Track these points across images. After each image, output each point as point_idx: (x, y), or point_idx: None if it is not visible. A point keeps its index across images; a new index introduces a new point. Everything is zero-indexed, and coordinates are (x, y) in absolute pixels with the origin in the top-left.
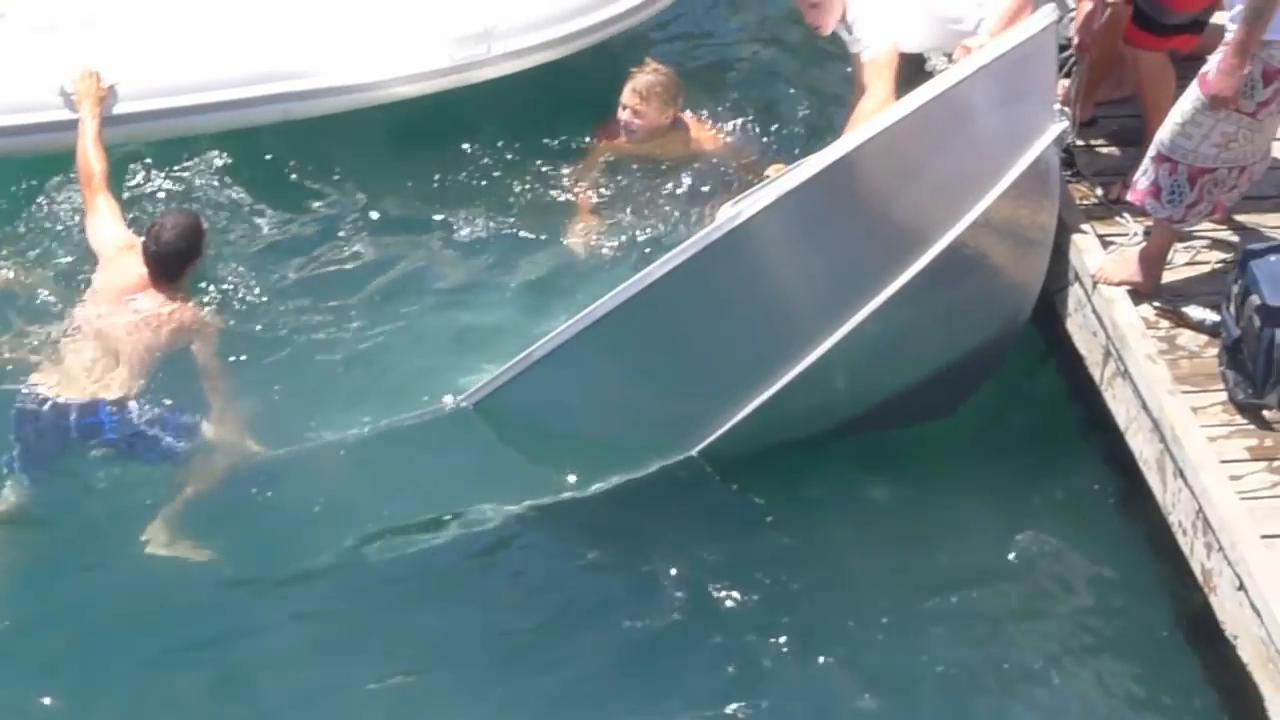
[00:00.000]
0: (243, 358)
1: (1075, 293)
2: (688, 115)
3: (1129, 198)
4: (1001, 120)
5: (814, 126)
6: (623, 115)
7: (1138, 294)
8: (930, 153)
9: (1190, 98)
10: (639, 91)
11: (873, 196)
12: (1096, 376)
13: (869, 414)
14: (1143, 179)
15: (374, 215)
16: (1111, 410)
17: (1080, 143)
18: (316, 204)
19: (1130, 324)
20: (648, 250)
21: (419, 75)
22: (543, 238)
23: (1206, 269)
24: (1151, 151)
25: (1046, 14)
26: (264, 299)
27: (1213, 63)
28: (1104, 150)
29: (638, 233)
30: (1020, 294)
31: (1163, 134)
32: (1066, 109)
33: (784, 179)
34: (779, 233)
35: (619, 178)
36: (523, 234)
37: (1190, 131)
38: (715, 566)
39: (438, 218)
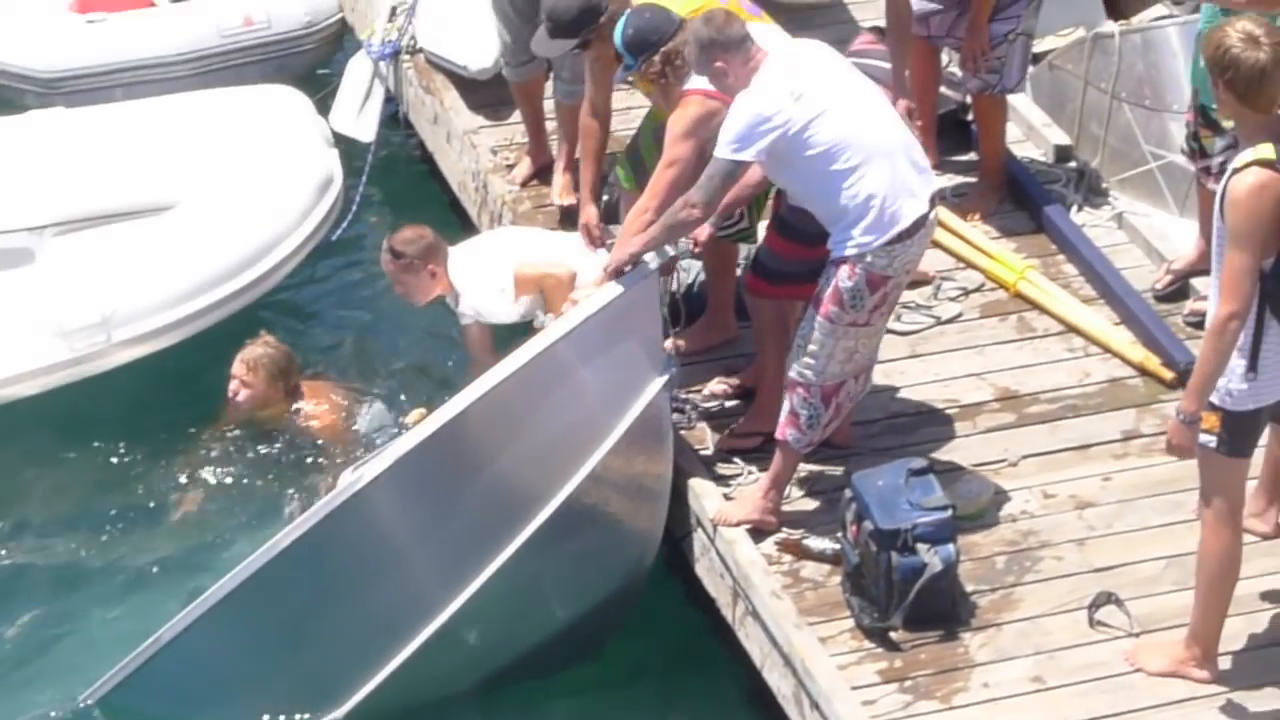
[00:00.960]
0: None
1: (699, 538)
2: (309, 388)
3: (776, 435)
4: (609, 371)
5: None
6: (231, 386)
7: (758, 532)
8: (539, 408)
9: (809, 322)
10: (246, 363)
11: (485, 455)
12: (729, 617)
13: (509, 666)
14: (780, 414)
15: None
16: (747, 649)
17: (696, 388)
18: None
19: (753, 563)
20: (256, 521)
21: (37, 371)
22: (172, 517)
23: (821, 499)
24: (785, 382)
25: (648, 261)
26: None
27: (823, 288)
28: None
29: (243, 506)
30: (643, 542)
31: (791, 362)
32: (674, 356)
33: (398, 443)
34: (397, 496)
35: (231, 449)
36: (153, 518)
37: (815, 353)
38: None
39: (67, 516)
